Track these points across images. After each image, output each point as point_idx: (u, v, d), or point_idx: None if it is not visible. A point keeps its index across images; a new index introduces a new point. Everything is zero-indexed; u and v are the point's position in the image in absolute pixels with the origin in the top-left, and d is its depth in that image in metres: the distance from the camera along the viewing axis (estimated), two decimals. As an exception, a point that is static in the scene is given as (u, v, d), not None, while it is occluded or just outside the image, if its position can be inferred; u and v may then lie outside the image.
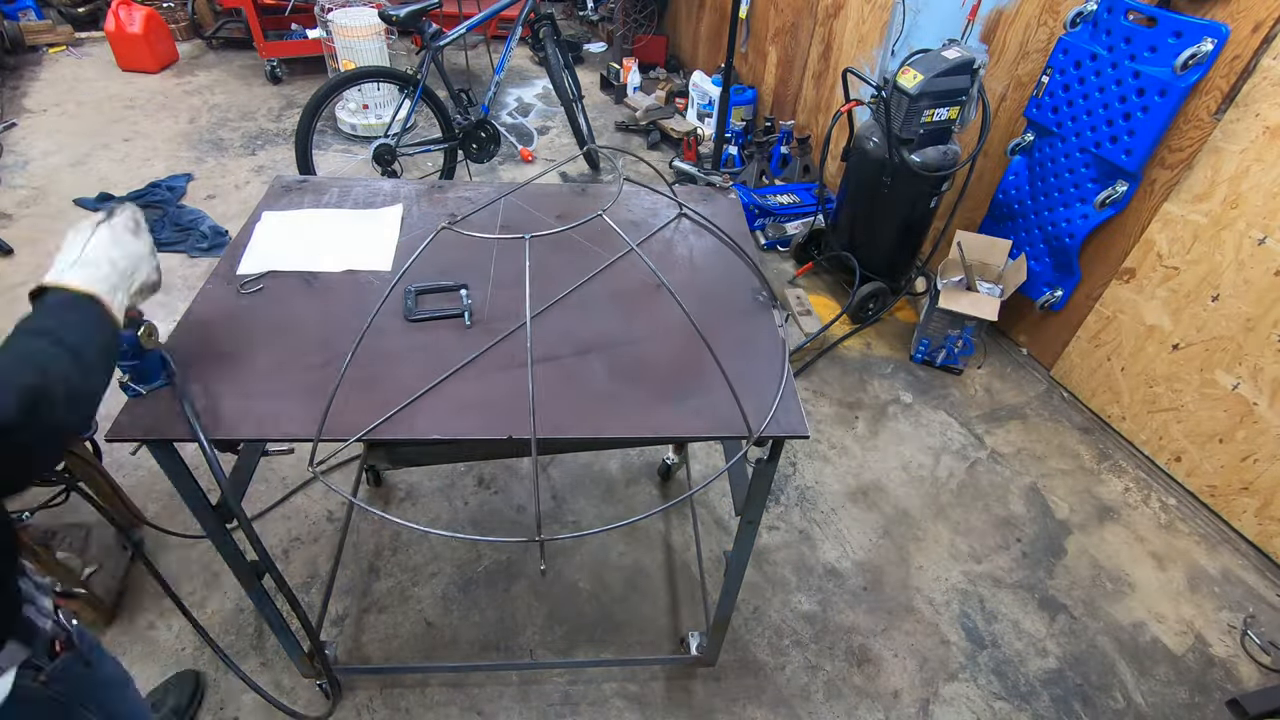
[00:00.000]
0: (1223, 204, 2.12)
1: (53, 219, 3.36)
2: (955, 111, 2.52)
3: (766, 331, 1.33)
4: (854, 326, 2.99)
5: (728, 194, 1.73)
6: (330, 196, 1.63)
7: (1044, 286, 2.72)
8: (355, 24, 3.95)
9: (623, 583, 2.03)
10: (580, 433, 1.12)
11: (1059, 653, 1.95)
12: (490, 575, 2.02)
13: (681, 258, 1.51)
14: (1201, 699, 1.87)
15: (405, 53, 5.14)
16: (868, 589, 2.07)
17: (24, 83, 4.55)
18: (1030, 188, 2.68)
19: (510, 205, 1.61)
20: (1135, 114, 2.22)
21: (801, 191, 3.60)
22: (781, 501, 2.29)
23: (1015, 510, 2.32)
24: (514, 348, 1.25)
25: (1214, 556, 2.22)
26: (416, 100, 3.31)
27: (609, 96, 4.95)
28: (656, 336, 1.29)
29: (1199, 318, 2.24)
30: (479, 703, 1.75)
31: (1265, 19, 1.92)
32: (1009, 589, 2.09)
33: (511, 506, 2.21)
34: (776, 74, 4.09)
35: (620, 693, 1.80)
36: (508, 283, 1.40)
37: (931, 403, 2.69)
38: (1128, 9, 2.20)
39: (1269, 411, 2.11)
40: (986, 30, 2.72)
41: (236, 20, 4.96)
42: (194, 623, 1.45)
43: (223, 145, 4.05)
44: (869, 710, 1.80)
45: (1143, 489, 2.41)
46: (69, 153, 3.86)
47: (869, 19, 3.24)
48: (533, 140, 4.38)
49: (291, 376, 1.16)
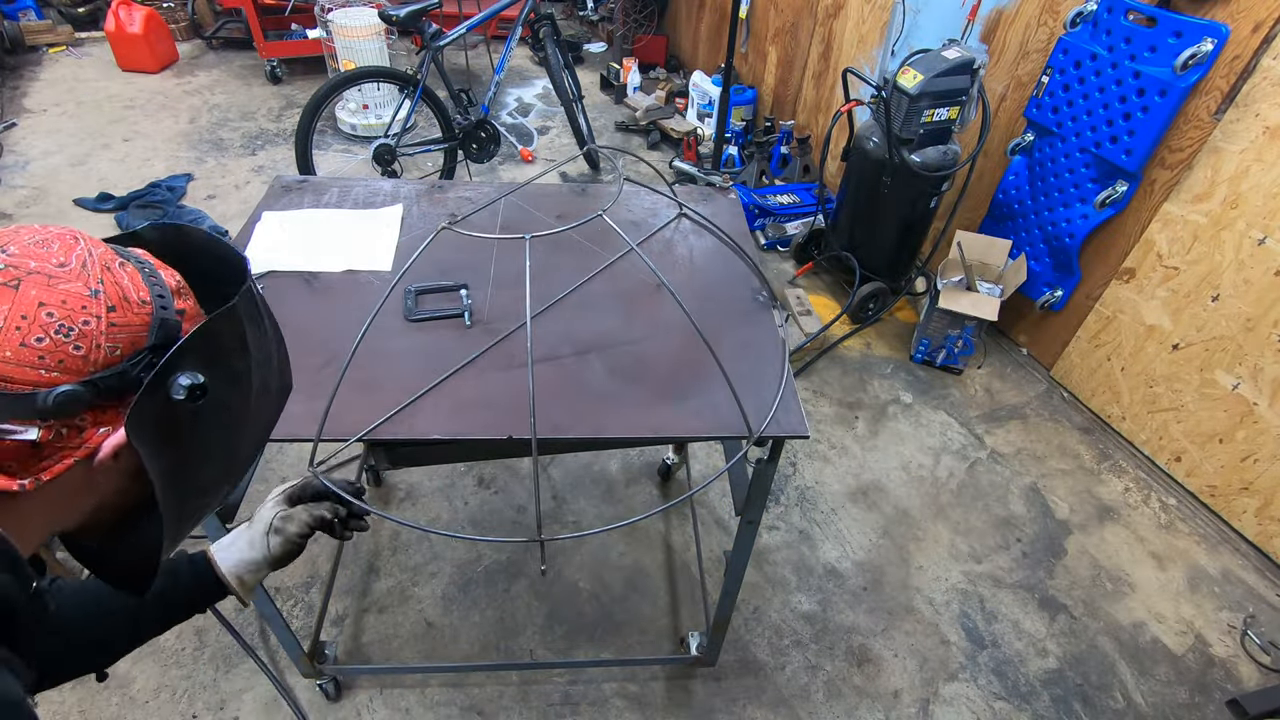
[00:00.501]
0: (1223, 204, 2.12)
1: (53, 219, 3.35)
2: (955, 111, 2.52)
3: (766, 331, 1.33)
4: (854, 326, 2.99)
5: (728, 194, 1.73)
6: (330, 196, 1.63)
7: (1044, 286, 2.72)
8: (355, 24, 3.94)
9: (623, 583, 2.03)
10: (580, 433, 1.12)
11: (1059, 653, 1.95)
12: (490, 575, 2.02)
13: (681, 258, 1.51)
14: (1201, 699, 1.87)
15: (405, 53, 5.14)
16: (868, 589, 2.07)
17: (24, 83, 4.55)
18: (1030, 188, 2.68)
19: (510, 205, 1.61)
20: (1135, 114, 2.22)
21: (801, 191, 3.60)
22: (781, 501, 2.29)
23: (1015, 510, 2.32)
24: (514, 348, 1.25)
25: (1214, 556, 2.22)
26: (416, 100, 3.31)
27: (609, 96, 4.95)
28: (656, 336, 1.30)
29: (1199, 318, 2.24)
30: (479, 703, 1.75)
31: (1265, 19, 1.92)
32: (1009, 589, 2.09)
33: (512, 506, 2.21)
34: (776, 74, 4.09)
35: (620, 693, 1.80)
36: (508, 283, 1.40)
37: (931, 403, 2.69)
38: (1128, 9, 2.20)
39: (1269, 411, 2.11)
40: (986, 30, 2.72)
41: (236, 20, 4.96)
42: (220, 619, 1.45)
43: (223, 145, 4.05)
44: (869, 710, 1.80)
45: (1143, 489, 2.41)
46: (69, 153, 3.86)
47: (869, 19, 3.24)
48: (533, 140, 4.38)
49: (292, 376, 1.15)
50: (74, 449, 0.53)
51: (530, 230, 1.01)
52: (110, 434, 0.54)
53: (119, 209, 3.43)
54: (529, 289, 0.94)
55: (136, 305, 0.54)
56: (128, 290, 0.54)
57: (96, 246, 0.55)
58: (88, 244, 0.54)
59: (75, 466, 0.53)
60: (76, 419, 0.52)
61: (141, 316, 0.54)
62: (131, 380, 0.53)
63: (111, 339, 0.52)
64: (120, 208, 3.43)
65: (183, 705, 1.71)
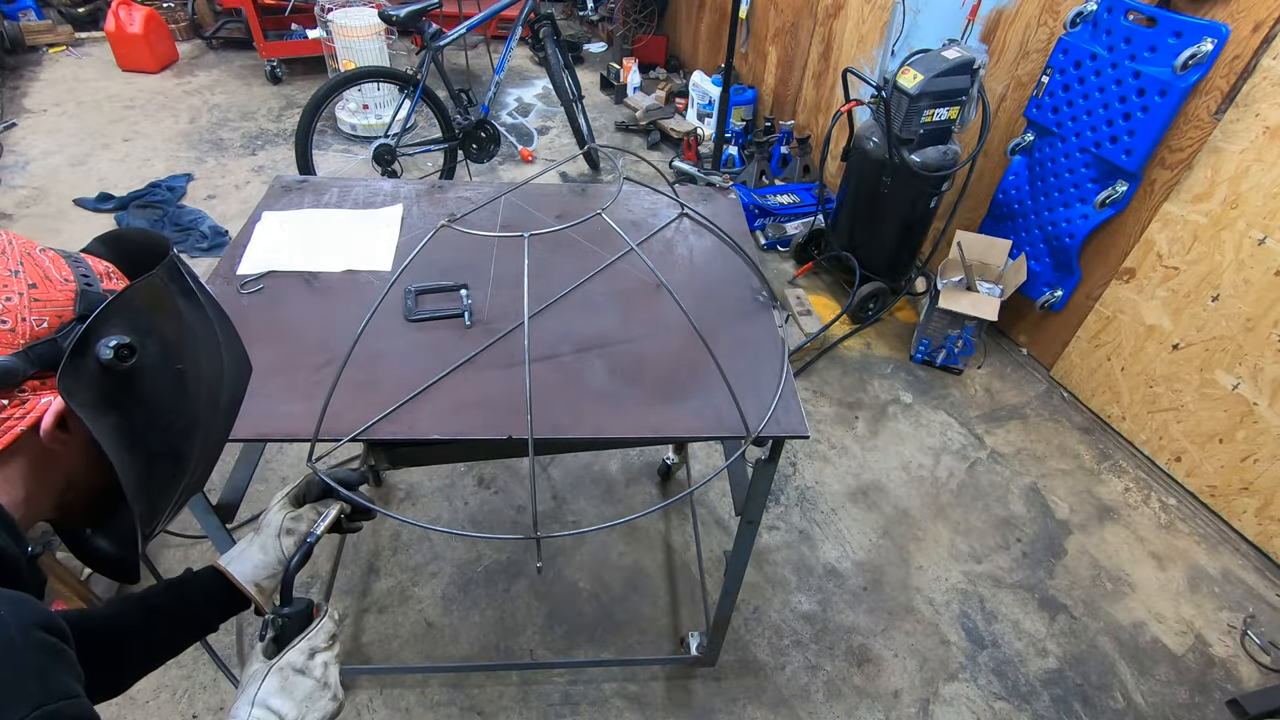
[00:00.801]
0: (1223, 204, 2.12)
1: (53, 219, 3.36)
2: (955, 111, 2.52)
3: (766, 331, 1.33)
4: (854, 326, 2.99)
5: (728, 194, 1.73)
6: (330, 196, 1.63)
7: (1044, 286, 2.72)
8: (355, 24, 3.95)
9: (623, 583, 2.03)
10: (580, 433, 1.12)
11: (1059, 653, 1.95)
12: (490, 575, 2.02)
13: (681, 258, 1.51)
14: (1201, 699, 1.87)
15: (405, 53, 5.14)
16: (868, 589, 2.07)
17: (24, 83, 4.55)
18: (1030, 188, 2.68)
19: (510, 205, 1.61)
20: (1135, 114, 2.22)
21: (801, 191, 3.60)
22: (781, 501, 2.29)
23: (1015, 510, 2.32)
24: (513, 347, 1.25)
25: (1214, 556, 2.22)
26: (416, 100, 3.31)
27: (609, 96, 4.95)
28: (656, 336, 1.30)
29: (1199, 318, 2.24)
30: (479, 703, 1.75)
31: (1265, 19, 1.92)
32: (1009, 589, 2.09)
33: (512, 506, 2.21)
34: (776, 74, 4.09)
35: (620, 693, 1.80)
36: (508, 283, 1.40)
37: (931, 403, 2.69)
38: (1128, 9, 2.20)
39: (1269, 411, 2.11)
40: (986, 30, 2.72)
41: (236, 20, 4.96)
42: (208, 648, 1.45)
43: (223, 145, 4.05)
44: (869, 710, 1.80)
45: (1143, 489, 2.41)
46: (69, 153, 3.86)
47: (869, 19, 3.24)
48: (533, 140, 4.38)
49: (291, 376, 1.16)
50: (19, 419, 0.56)
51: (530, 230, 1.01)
52: (51, 403, 0.58)
53: (119, 209, 3.43)
54: (526, 288, 0.94)
55: (59, 283, 0.59)
56: (48, 270, 0.59)
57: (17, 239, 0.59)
58: (9, 236, 0.59)
59: (25, 437, 0.57)
60: (16, 389, 0.56)
61: (65, 292, 0.59)
62: (61, 350, 0.56)
63: (36, 313, 0.56)
64: (120, 208, 3.43)
65: (183, 705, 1.71)
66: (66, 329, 0.58)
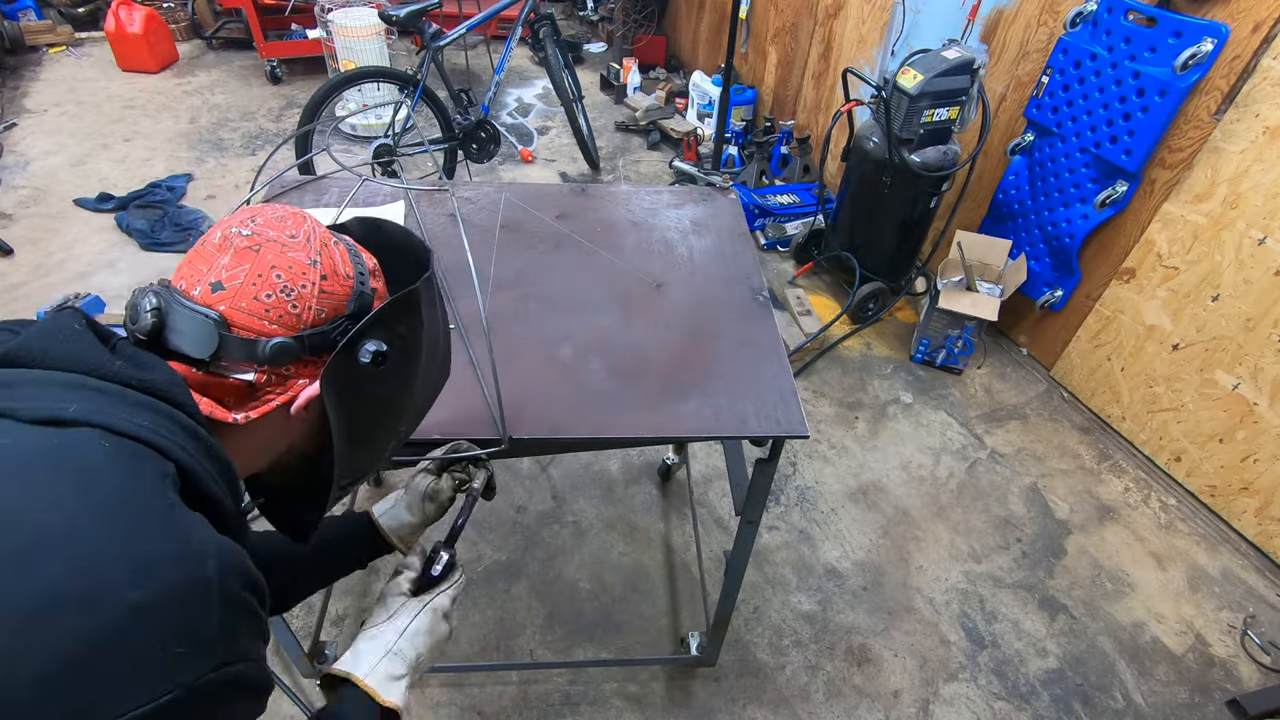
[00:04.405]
0: (1223, 204, 2.12)
1: (53, 219, 3.36)
2: (955, 111, 2.52)
3: (766, 331, 1.33)
4: (854, 326, 2.99)
5: (727, 194, 1.73)
6: (330, 196, 1.63)
7: (1044, 286, 2.72)
8: (355, 24, 3.94)
9: (623, 583, 2.03)
10: (580, 433, 1.12)
11: (1059, 653, 1.95)
12: (490, 575, 2.02)
13: (681, 258, 1.51)
14: (1201, 699, 1.87)
15: (405, 53, 5.13)
16: (868, 589, 2.07)
17: (24, 83, 4.55)
18: (1030, 188, 2.68)
19: (510, 205, 1.61)
20: (1135, 114, 2.22)
21: (801, 191, 3.60)
22: (781, 501, 2.29)
23: (1015, 510, 2.32)
24: (513, 346, 1.25)
25: (1214, 556, 2.22)
26: (416, 100, 3.30)
27: (609, 96, 4.95)
28: (656, 336, 1.30)
29: (1199, 318, 2.24)
30: (479, 703, 1.75)
31: (1265, 19, 1.92)
32: (1009, 589, 2.09)
33: (511, 506, 2.21)
34: (776, 74, 4.09)
35: (620, 693, 1.80)
36: (508, 283, 1.40)
37: (931, 403, 2.69)
38: (1128, 9, 2.20)
39: (1269, 411, 2.11)
40: (986, 30, 2.72)
41: (236, 20, 4.96)
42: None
43: (223, 145, 4.05)
44: (869, 710, 1.80)
45: (1143, 489, 2.41)
46: (69, 153, 3.86)
47: (869, 19, 3.24)
48: (533, 140, 4.38)
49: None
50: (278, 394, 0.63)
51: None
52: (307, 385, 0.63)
53: (119, 209, 3.43)
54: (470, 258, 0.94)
55: (343, 278, 0.64)
56: (337, 264, 0.64)
57: (319, 226, 0.65)
58: (312, 223, 0.65)
59: (276, 410, 0.62)
60: (284, 368, 0.62)
61: (345, 288, 0.64)
62: (330, 341, 0.63)
63: (320, 303, 0.62)
64: (120, 208, 3.43)
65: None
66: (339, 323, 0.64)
